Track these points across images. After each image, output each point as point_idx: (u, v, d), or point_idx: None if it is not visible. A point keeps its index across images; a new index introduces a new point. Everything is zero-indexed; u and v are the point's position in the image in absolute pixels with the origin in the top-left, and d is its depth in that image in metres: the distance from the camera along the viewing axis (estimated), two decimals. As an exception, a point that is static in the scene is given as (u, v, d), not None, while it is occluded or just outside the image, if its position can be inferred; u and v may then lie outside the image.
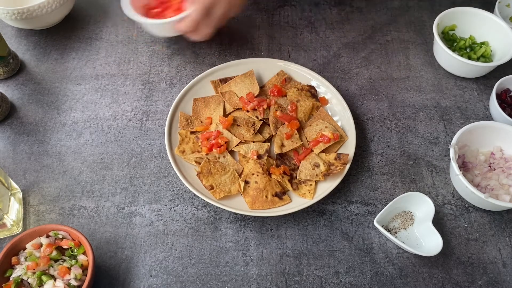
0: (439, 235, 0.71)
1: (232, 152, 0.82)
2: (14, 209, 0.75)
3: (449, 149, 0.77)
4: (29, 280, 0.64)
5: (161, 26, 0.86)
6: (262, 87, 0.89)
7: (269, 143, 0.81)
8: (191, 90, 0.87)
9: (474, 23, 0.96)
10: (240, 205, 0.75)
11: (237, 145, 0.81)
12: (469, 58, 0.93)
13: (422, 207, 0.76)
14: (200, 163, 0.78)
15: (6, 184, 0.74)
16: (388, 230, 0.76)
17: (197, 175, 0.77)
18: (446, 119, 0.90)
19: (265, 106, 0.83)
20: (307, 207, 0.76)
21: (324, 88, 0.88)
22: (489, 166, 0.80)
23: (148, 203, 0.78)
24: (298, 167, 0.79)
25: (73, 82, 0.92)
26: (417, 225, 0.76)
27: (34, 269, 0.64)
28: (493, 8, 0.98)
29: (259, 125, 0.82)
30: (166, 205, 0.78)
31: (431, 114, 0.90)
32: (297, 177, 0.78)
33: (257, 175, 0.77)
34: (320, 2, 1.07)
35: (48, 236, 0.68)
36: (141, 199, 0.79)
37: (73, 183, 0.80)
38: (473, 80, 0.95)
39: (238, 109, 0.86)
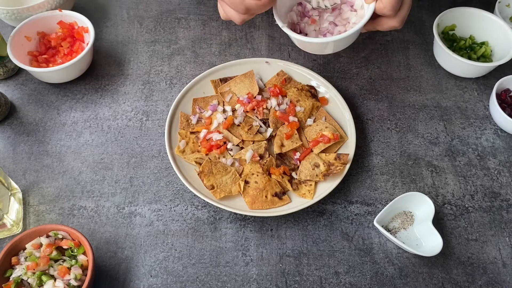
0: (439, 235, 0.71)
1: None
2: (14, 209, 0.75)
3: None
4: (29, 280, 0.64)
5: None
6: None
7: (266, 141, 0.81)
8: (191, 90, 0.87)
9: (474, 23, 0.96)
10: (240, 205, 0.75)
11: (237, 145, 0.81)
12: (469, 58, 0.93)
13: (422, 207, 0.76)
14: (200, 163, 0.78)
15: (6, 184, 0.74)
16: (388, 230, 0.76)
17: (198, 174, 0.77)
18: (446, 119, 0.90)
19: (264, 106, 0.83)
20: (307, 207, 0.76)
21: (324, 88, 0.88)
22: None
23: (148, 203, 0.78)
24: (298, 167, 0.79)
25: (73, 82, 0.92)
26: (417, 225, 0.76)
27: (34, 269, 0.64)
28: (493, 8, 0.98)
29: (258, 126, 0.82)
30: (166, 205, 0.78)
31: (431, 114, 0.90)
32: (297, 177, 0.78)
33: (257, 175, 0.77)
34: (320, 2, 1.07)
35: (48, 236, 0.68)
36: (141, 199, 0.79)
37: (73, 183, 0.80)
38: (473, 80, 0.95)
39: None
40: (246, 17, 0.69)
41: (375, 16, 0.68)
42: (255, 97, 0.85)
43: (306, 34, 0.73)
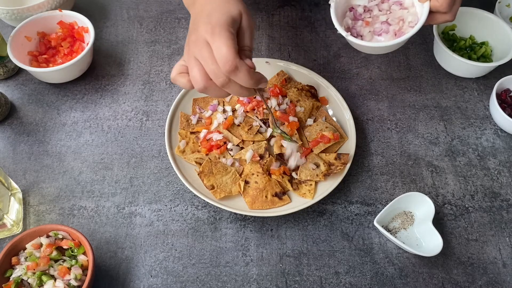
0: (439, 235, 0.71)
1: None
2: (14, 209, 0.75)
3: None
4: (29, 280, 0.64)
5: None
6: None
7: (266, 141, 0.81)
8: (191, 90, 0.86)
9: (474, 23, 0.96)
10: (240, 205, 0.75)
11: (237, 145, 0.81)
12: (469, 58, 0.93)
13: (422, 207, 0.76)
14: (200, 163, 0.78)
15: (6, 184, 0.74)
16: (388, 230, 0.76)
17: (198, 174, 0.77)
18: (446, 119, 0.90)
19: (264, 106, 0.83)
20: (307, 207, 0.76)
21: (324, 88, 0.88)
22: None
23: (148, 203, 0.78)
24: (298, 167, 0.79)
25: (73, 82, 0.92)
26: (417, 225, 0.76)
27: (34, 269, 0.64)
28: (493, 8, 0.98)
29: (258, 126, 0.82)
30: (166, 205, 0.78)
31: (431, 114, 0.90)
32: (297, 177, 0.78)
33: (257, 175, 0.77)
34: (320, 2, 1.07)
35: (48, 236, 0.68)
36: (141, 199, 0.79)
37: (73, 183, 0.80)
38: (473, 80, 0.95)
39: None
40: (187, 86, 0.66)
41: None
42: (255, 97, 0.85)
43: (361, 36, 0.76)
